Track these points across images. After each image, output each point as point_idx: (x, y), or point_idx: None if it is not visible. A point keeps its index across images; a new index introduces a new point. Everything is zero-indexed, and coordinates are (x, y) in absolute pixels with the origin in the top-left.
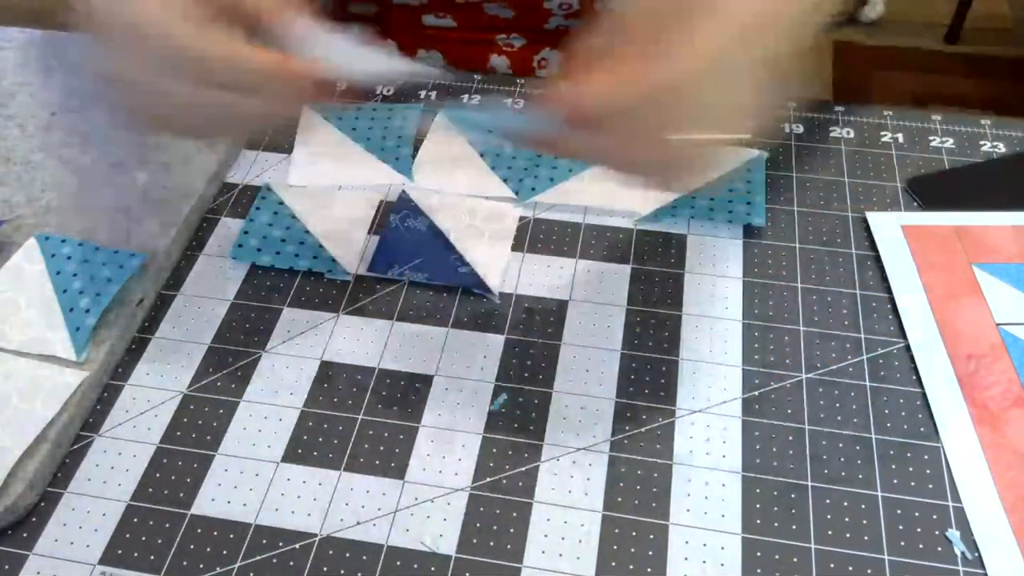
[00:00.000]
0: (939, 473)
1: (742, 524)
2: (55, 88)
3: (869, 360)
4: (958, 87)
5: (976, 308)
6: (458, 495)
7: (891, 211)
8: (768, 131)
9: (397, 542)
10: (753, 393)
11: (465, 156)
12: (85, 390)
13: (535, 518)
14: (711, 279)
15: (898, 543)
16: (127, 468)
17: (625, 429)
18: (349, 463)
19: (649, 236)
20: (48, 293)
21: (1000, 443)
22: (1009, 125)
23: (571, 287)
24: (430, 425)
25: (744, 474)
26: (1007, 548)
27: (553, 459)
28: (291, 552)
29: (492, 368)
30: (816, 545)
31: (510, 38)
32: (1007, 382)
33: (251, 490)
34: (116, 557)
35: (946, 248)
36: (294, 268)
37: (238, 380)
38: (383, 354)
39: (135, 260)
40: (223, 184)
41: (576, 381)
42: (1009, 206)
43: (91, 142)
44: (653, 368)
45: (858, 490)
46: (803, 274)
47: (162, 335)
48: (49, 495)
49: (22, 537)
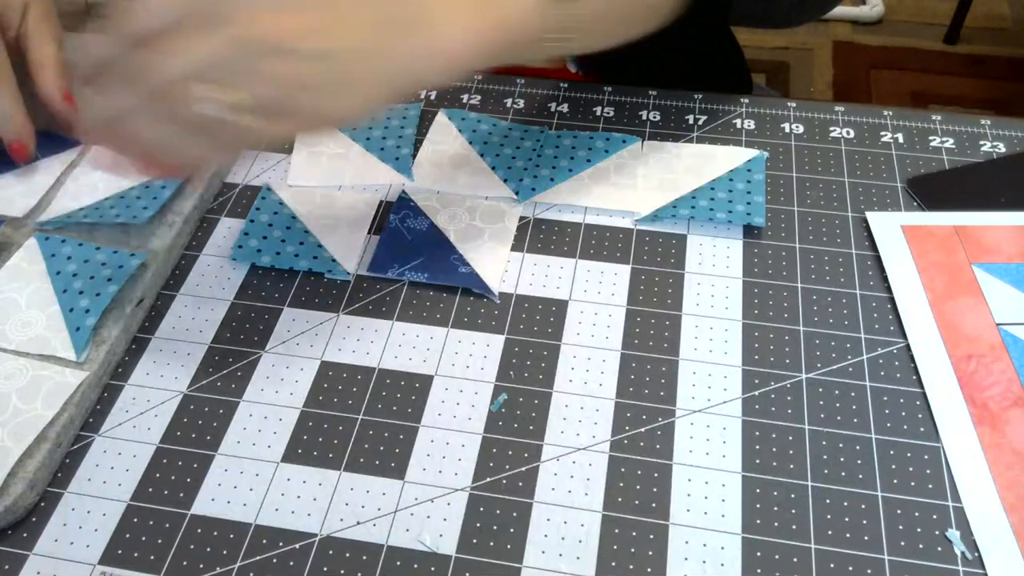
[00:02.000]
0: (939, 473)
1: (742, 524)
2: None
3: (869, 360)
4: (958, 87)
5: (976, 308)
6: (458, 495)
7: (891, 211)
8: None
9: (397, 542)
10: (753, 393)
11: (465, 156)
12: (85, 390)
13: (535, 518)
14: (711, 279)
15: (898, 543)
16: (127, 468)
17: (625, 429)
18: (349, 463)
19: (649, 236)
20: (48, 293)
21: (1000, 443)
22: (1009, 125)
23: (571, 287)
24: (430, 425)
25: (744, 474)
26: (1007, 548)
27: (553, 459)
28: (291, 552)
29: (492, 368)
30: (816, 545)
31: None
32: (1007, 382)
33: (251, 490)
34: (116, 557)
35: (946, 248)
36: (294, 268)
37: (238, 380)
38: (383, 354)
39: (135, 260)
40: (223, 184)
41: (576, 381)
42: (1009, 206)
43: None
44: (653, 368)
45: (858, 490)
46: (803, 274)
47: (162, 335)
48: (49, 495)
49: (22, 537)
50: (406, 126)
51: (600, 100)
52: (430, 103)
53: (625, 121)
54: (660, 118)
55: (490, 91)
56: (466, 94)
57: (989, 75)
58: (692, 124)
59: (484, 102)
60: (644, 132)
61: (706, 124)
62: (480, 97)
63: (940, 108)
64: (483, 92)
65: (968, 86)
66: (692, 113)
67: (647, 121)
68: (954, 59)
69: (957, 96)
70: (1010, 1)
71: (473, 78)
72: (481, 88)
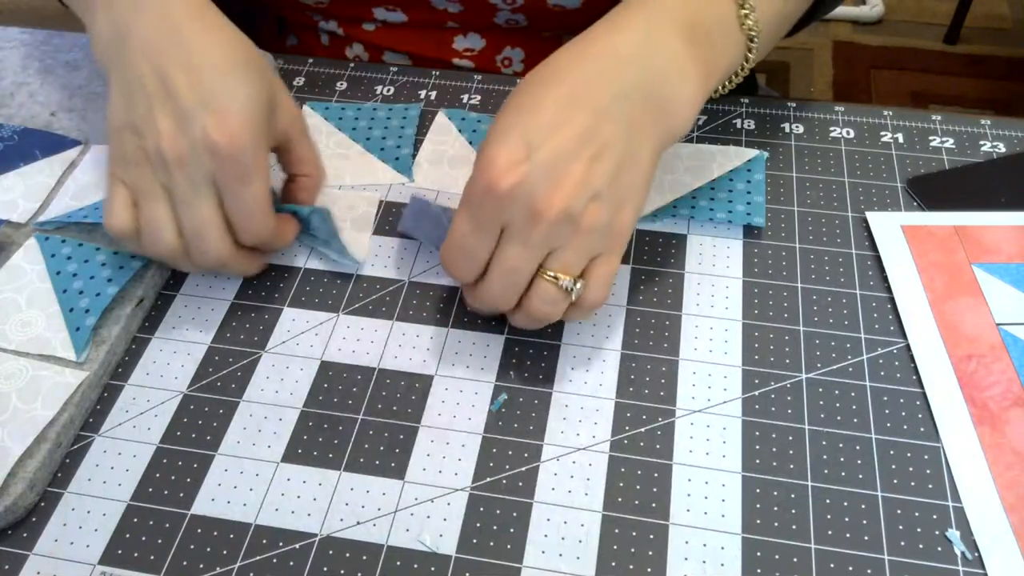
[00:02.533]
0: (939, 473)
1: (742, 524)
2: (55, 88)
3: (869, 360)
4: (958, 87)
5: (976, 308)
6: (458, 495)
7: (891, 211)
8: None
9: (397, 542)
10: (753, 393)
11: (465, 156)
12: (85, 390)
13: (535, 518)
14: (711, 279)
15: (898, 543)
16: (127, 468)
17: (625, 429)
18: (349, 463)
19: (649, 236)
20: (48, 293)
21: (1000, 443)
22: (1009, 125)
23: None
24: (430, 425)
25: (744, 474)
26: (1007, 548)
27: (553, 459)
28: (291, 552)
29: (492, 368)
30: (816, 545)
31: (467, 38)
32: (1007, 382)
33: (251, 490)
34: (116, 557)
35: (946, 248)
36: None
37: (238, 380)
38: (383, 354)
39: (135, 261)
40: None
41: (576, 381)
42: (1009, 206)
43: (90, 142)
44: (653, 368)
45: (858, 490)
46: (803, 274)
47: (162, 335)
48: (49, 495)
49: (22, 537)
50: (406, 126)
51: None
52: (430, 103)
53: None
54: None
55: (490, 91)
56: (466, 94)
57: (989, 75)
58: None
59: (484, 102)
60: None
61: (706, 124)
62: (480, 97)
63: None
64: (483, 92)
65: (968, 86)
66: None
67: None
68: (954, 59)
69: (957, 96)
70: (1010, 1)
71: (473, 78)
72: (481, 88)
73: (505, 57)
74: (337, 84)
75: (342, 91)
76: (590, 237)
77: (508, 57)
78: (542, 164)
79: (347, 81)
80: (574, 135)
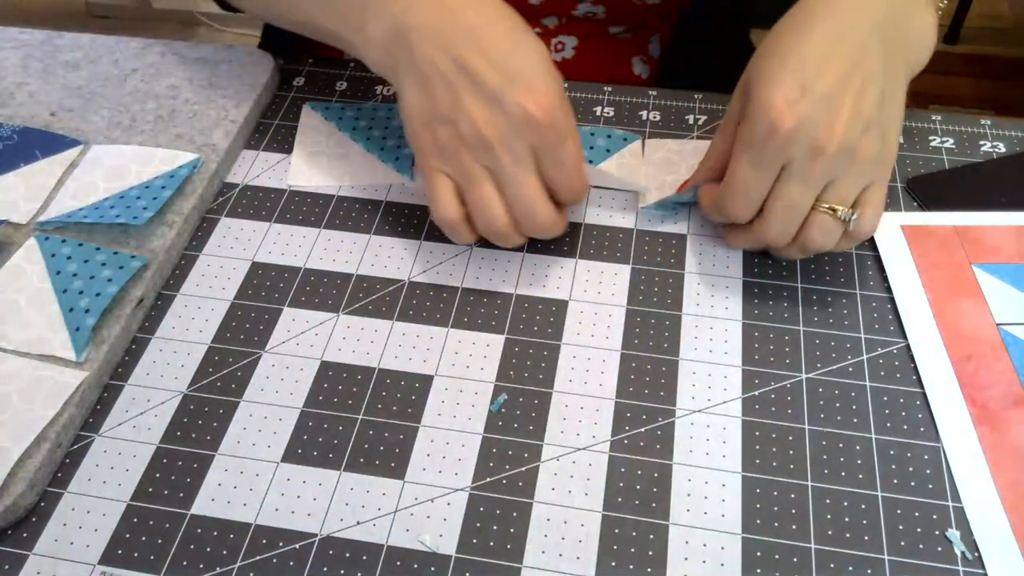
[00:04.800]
0: (939, 473)
1: (742, 524)
2: (55, 88)
3: (869, 360)
4: (958, 87)
5: (976, 308)
6: (458, 495)
7: (891, 211)
8: None
9: (397, 542)
10: (753, 393)
11: None
12: (85, 390)
13: (535, 518)
14: (711, 279)
15: (898, 543)
16: (127, 468)
17: (625, 429)
18: (349, 463)
19: (649, 236)
20: (48, 293)
21: (1000, 443)
22: (1009, 125)
23: (571, 287)
24: (430, 425)
25: (744, 474)
26: (1007, 548)
27: (553, 459)
28: (291, 552)
29: (492, 368)
30: (816, 545)
31: (544, 20)
32: (1007, 382)
33: (251, 490)
34: (116, 557)
35: (946, 248)
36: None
37: (238, 380)
38: (383, 354)
39: (135, 261)
40: (223, 184)
41: (576, 381)
42: (1009, 206)
43: (90, 142)
44: (653, 368)
45: (858, 490)
46: (803, 274)
47: (162, 335)
48: (49, 495)
49: (22, 537)
50: None
51: (600, 100)
52: None
53: (625, 121)
54: (660, 118)
55: None
56: None
57: (989, 75)
58: (692, 124)
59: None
60: (644, 132)
61: (706, 124)
62: None
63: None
64: None
65: (968, 86)
66: (692, 113)
67: (647, 121)
68: (954, 59)
69: (957, 96)
70: (1010, 1)
71: None
72: None
73: (559, 41)
74: (337, 84)
75: (342, 91)
76: (864, 167)
77: (562, 42)
78: (818, 100)
79: (347, 81)
80: (842, 70)
